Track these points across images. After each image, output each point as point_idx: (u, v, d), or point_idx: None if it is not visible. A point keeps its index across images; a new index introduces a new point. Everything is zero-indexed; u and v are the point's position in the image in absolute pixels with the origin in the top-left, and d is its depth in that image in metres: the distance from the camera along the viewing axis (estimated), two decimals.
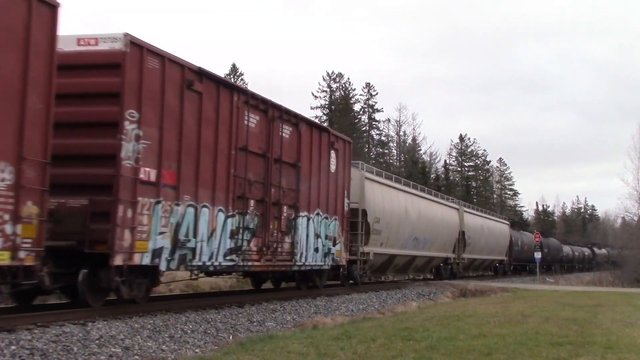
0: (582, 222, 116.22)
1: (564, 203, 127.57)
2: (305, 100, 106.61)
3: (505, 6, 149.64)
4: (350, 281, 21.52)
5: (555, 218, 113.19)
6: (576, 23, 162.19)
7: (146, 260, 11.31)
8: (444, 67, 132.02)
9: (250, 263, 14.72)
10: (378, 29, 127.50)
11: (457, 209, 33.83)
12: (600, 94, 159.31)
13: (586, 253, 74.55)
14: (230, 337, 10.67)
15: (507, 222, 45.20)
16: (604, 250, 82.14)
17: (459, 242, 33.26)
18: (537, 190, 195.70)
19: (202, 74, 12.84)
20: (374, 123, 65.82)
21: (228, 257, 13.78)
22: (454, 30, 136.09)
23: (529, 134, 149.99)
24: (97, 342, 8.89)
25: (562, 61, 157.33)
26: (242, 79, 53.08)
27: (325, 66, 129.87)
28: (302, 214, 16.79)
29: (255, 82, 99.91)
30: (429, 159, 70.39)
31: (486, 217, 39.58)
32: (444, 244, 30.89)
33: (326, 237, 18.26)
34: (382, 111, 66.53)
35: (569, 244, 68.52)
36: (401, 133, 68.36)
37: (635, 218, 46.85)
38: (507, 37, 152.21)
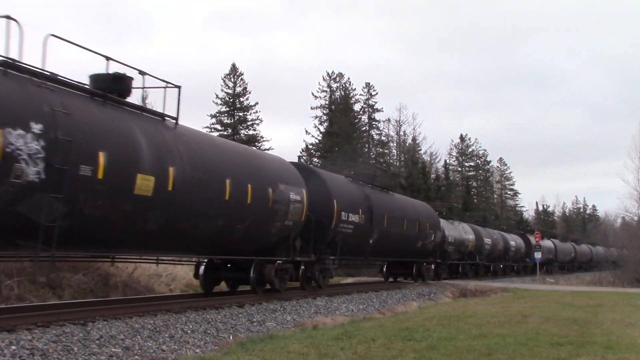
0: (582, 222, 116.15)
1: (564, 203, 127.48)
2: (305, 100, 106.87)
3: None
4: None
5: (556, 218, 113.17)
6: (586, 17, 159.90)
7: None
8: (448, 64, 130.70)
9: None
10: (381, 24, 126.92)
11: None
12: (608, 90, 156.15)
13: (513, 243, 45.61)
14: (231, 337, 10.67)
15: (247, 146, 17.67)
16: (549, 243, 55.26)
17: None
18: (537, 190, 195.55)
19: None
20: (374, 123, 65.72)
21: None
22: (460, 25, 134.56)
23: (532, 133, 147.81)
24: (97, 342, 8.90)
25: (571, 57, 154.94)
26: (242, 79, 53.01)
27: (326, 66, 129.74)
28: None
29: (255, 82, 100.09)
30: (429, 159, 70.32)
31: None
32: None
33: None
34: (382, 111, 66.42)
35: (484, 226, 42.55)
36: (401, 133, 68.31)
37: (635, 218, 46.85)
38: (514, 32, 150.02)
